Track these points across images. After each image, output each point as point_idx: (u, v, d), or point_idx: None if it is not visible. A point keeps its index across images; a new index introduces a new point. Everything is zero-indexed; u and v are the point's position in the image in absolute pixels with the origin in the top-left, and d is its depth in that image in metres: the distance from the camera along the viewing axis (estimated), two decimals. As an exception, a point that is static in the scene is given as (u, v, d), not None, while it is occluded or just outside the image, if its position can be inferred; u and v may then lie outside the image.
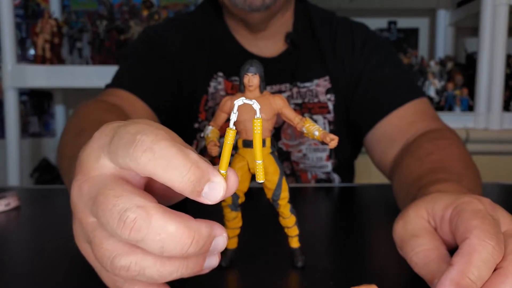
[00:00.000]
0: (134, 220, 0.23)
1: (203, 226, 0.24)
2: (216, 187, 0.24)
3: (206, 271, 0.26)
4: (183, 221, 0.23)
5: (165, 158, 0.23)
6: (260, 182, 0.27)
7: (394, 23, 2.04)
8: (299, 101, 0.78)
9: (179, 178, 0.23)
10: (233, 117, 0.25)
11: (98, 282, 0.28)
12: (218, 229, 0.25)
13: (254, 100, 0.25)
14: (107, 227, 0.24)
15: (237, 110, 0.36)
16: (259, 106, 0.25)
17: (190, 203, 0.27)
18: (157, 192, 0.29)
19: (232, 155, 0.28)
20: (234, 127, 0.25)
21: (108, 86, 0.74)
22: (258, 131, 0.25)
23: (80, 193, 0.26)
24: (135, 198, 0.24)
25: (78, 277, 0.38)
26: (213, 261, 0.26)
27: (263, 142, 0.35)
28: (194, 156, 0.24)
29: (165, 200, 0.29)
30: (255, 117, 0.25)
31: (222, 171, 0.25)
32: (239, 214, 0.38)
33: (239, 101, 0.25)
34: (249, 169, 0.36)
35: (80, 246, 0.28)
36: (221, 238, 0.25)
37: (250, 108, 0.35)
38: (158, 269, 0.24)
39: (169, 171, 0.23)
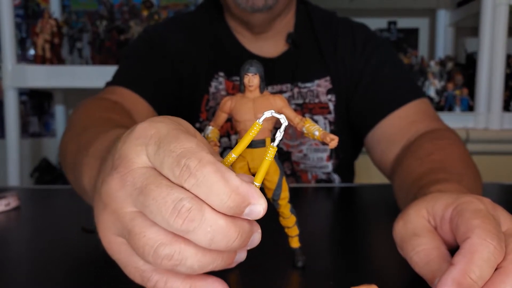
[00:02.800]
0: (189, 210, 0.23)
1: (245, 222, 0.25)
2: (256, 209, 0.25)
3: (234, 264, 0.27)
4: (230, 216, 0.24)
5: (207, 186, 0.24)
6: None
7: (394, 23, 2.04)
8: (300, 101, 0.78)
9: (219, 204, 0.24)
10: (279, 136, 0.25)
11: (98, 282, 0.28)
12: (256, 226, 0.26)
13: (283, 115, 0.25)
14: (157, 216, 0.24)
15: (237, 110, 0.36)
16: (287, 123, 0.25)
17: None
18: None
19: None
20: (276, 146, 0.25)
21: (108, 84, 0.74)
22: (270, 158, 0.26)
23: (122, 184, 0.26)
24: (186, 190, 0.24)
25: (78, 277, 0.38)
26: (242, 255, 0.27)
27: (263, 142, 0.35)
28: (236, 181, 0.24)
29: None
30: (273, 145, 0.25)
31: (257, 184, 0.26)
32: (239, 214, 0.38)
33: (268, 113, 0.25)
34: (249, 169, 0.36)
35: (106, 238, 0.27)
36: (257, 234, 0.26)
37: (251, 108, 0.35)
38: (199, 259, 0.24)
39: (211, 198, 0.24)
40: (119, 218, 0.26)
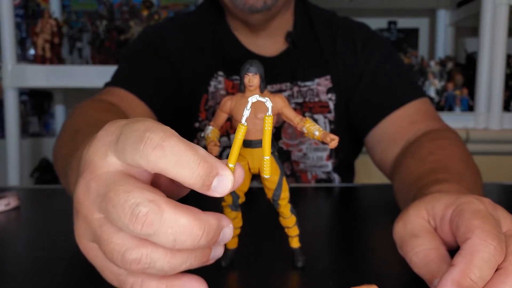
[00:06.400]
0: (146, 214, 0.23)
1: (211, 218, 0.25)
2: (224, 180, 0.25)
3: (211, 261, 0.27)
4: (193, 214, 0.24)
5: (175, 155, 0.23)
6: (266, 177, 0.28)
7: (394, 23, 2.04)
8: (300, 100, 0.78)
9: (189, 174, 0.24)
10: (246, 113, 0.25)
11: (97, 282, 0.28)
12: (225, 220, 0.26)
13: (267, 98, 0.25)
14: (118, 222, 0.24)
15: (237, 110, 0.36)
16: (272, 104, 0.25)
17: (192, 201, 0.27)
18: (162, 188, 0.29)
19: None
20: (246, 123, 0.25)
21: (107, 85, 0.74)
22: (269, 127, 0.26)
23: (87, 191, 0.26)
24: (146, 193, 0.24)
25: (78, 277, 0.37)
26: (218, 251, 0.27)
27: (262, 142, 0.35)
28: (202, 151, 0.24)
29: (170, 195, 0.29)
30: (267, 114, 0.25)
31: (231, 165, 0.25)
32: (239, 214, 0.38)
33: (253, 98, 0.25)
34: (249, 169, 0.36)
35: (81, 244, 0.28)
36: (228, 229, 0.26)
37: (251, 109, 0.35)
38: (168, 260, 0.24)
39: (180, 167, 0.24)
40: (89, 225, 0.26)
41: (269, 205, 0.39)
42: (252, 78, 0.34)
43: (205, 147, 0.34)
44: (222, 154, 0.77)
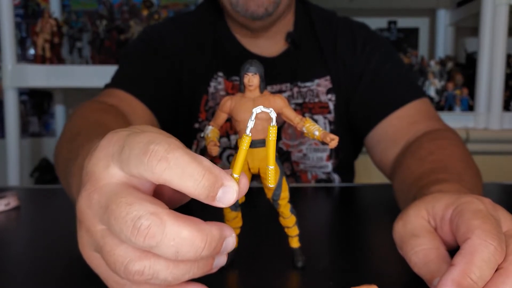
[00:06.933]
0: (148, 227, 0.23)
1: (214, 229, 0.25)
2: (229, 191, 0.25)
3: (214, 270, 0.27)
4: (195, 225, 0.24)
5: (180, 167, 0.24)
6: (270, 186, 0.28)
7: (394, 23, 2.04)
8: (300, 101, 0.78)
9: (194, 185, 0.24)
10: (250, 124, 0.25)
11: (97, 282, 0.28)
12: (227, 230, 0.26)
13: (271, 109, 0.25)
14: (120, 235, 0.24)
15: (237, 110, 0.36)
16: (276, 115, 0.25)
17: (192, 204, 0.27)
18: (164, 196, 0.29)
19: (232, 155, 0.28)
20: (250, 134, 0.25)
21: (107, 86, 0.74)
22: (273, 137, 0.26)
23: (89, 203, 0.26)
24: (147, 205, 0.24)
25: (78, 277, 0.37)
26: (221, 260, 0.27)
27: (263, 142, 0.35)
28: (207, 162, 0.25)
29: (172, 203, 0.30)
30: (271, 124, 0.26)
31: (235, 175, 0.26)
32: (239, 214, 0.38)
33: (257, 109, 0.25)
34: (249, 169, 0.36)
35: (85, 253, 0.28)
36: (231, 238, 0.26)
37: (251, 108, 0.35)
38: (171, 271, 0.25)
39: (185, 179, 0.24)
40: (92, 236, 0.26)
41: (269, 205, 0.39)
42: (252, 78, 0.34)
43: (205, 147, 0.34)
44: (222, 155, 0.77)
